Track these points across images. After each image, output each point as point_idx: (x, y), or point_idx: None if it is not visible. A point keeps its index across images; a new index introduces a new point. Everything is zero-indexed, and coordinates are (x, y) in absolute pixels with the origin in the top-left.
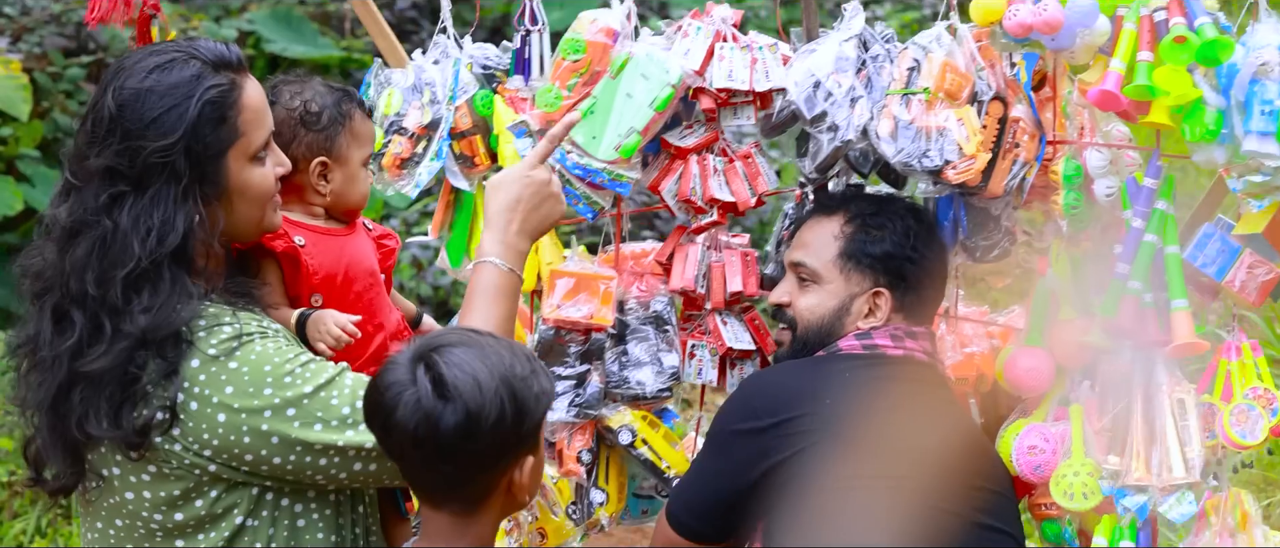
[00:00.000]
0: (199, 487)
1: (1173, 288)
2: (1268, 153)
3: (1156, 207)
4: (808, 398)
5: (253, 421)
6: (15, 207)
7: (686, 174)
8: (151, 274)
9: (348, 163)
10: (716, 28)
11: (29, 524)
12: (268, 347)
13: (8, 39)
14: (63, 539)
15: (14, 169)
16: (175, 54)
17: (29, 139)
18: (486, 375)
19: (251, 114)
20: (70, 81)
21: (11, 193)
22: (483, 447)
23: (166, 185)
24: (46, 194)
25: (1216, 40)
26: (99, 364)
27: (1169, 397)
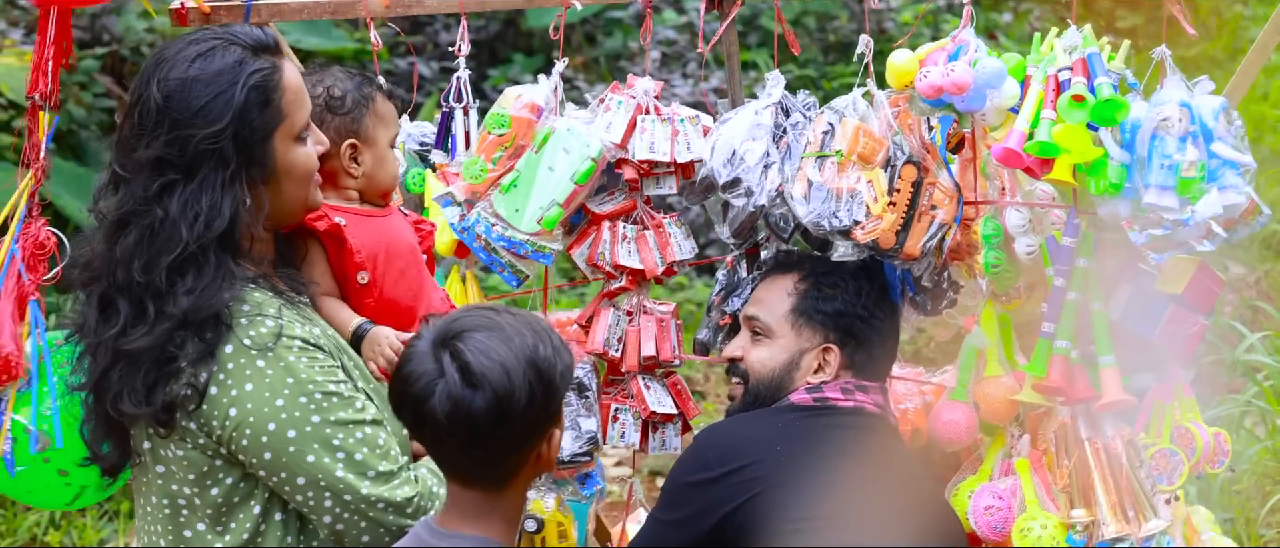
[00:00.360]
0: (214, 471)
1: (1099, 344)
2: (1166, 206)
3: (1077, 264)
4: (758, 446)
5: (258, 425)
6: None
7: (597, 240)
8: (197, 258)
9: (376, 143)
10: (638, 101)
11: (43, 517)
12: (301, 361)
13: (22, 30)
14: (77, 532)
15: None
16: (215, 42)
17: None
18: (513, 360)
19: (293, 95)
20: (85, 73)
21: None
22: (514, 429)
23: (215, 171)
24: (61, 186)
25: (1111, 100)
26: (139, 344)
27: (1123, 444)
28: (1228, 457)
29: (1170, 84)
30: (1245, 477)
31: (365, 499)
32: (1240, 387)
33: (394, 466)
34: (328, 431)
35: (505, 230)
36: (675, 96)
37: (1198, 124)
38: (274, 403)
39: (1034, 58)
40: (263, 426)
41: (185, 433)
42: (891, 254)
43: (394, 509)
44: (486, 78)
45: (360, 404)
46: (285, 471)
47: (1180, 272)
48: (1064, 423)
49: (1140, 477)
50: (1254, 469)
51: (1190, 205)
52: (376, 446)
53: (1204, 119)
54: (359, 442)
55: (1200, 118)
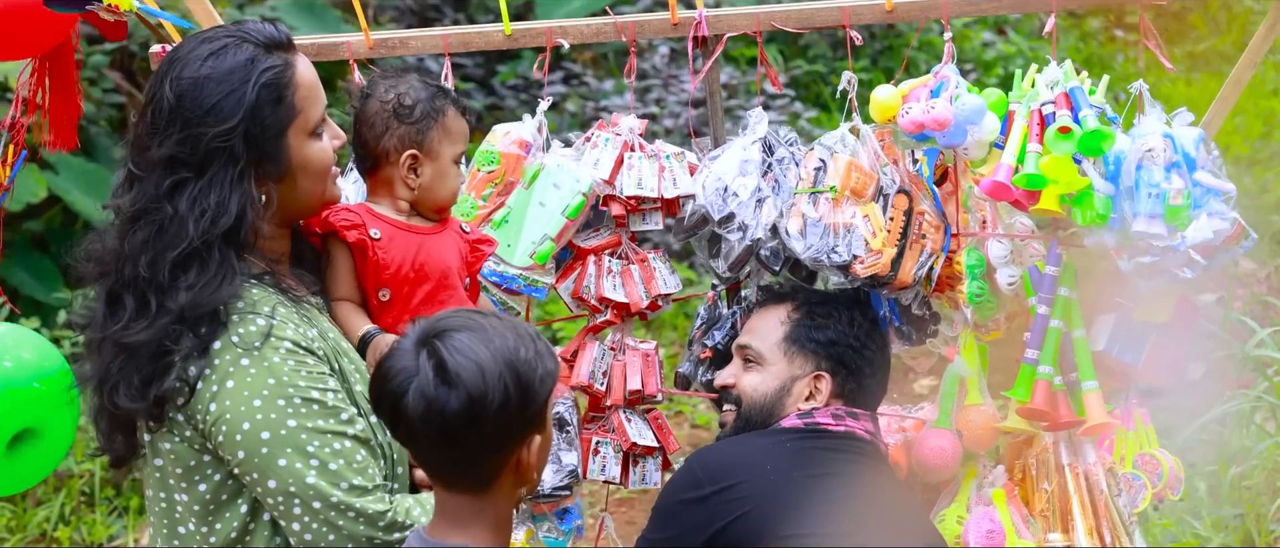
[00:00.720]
0: (201, 467)
1: (1083, 370)
2: (1155, 233)
3: (1059, 293)
4: (749, 465)
5: (234, 422)
6: (39, 194)
7: (582, 274)
8: (201, 254)
9: (439, 158)
10: (625, 138)
11: (52, 512)
12: (287, 364)
13: None
14: (86, 527)
15: (37, 156)
16: (227, 40)
17: None
18: (490, 360)
19: (306, 90)
20: (93, 69)
21: (36, 180)
22: (488, 431)
23: (224, 168)
24: (70, 182)
25: (1097, 131)
26: (139, 337)
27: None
28: (1182, 485)
29: (1150, 116)
30: (1255, 472)
31: (335, 506)
32: (1250, 382)
33: (369, 484)
34: (303, 436)
35: (497, 265)
36: (683, 91)
37: (1181, 154)
38: (252, 402)
39: (1017, 93)
40: (238, 424)
41: (174, 426)
42: (885, 283)
43: (366, 520)
44: (495, 73)
45: (345, 416)
46: (257, 472)
47: (1163, 302)
48: (1045, 448)
49: (1119, 504)
50: (1264, 465)
51: (1179, 232)
52: (354, 460)
53: (1186, 149)
54: (335, 452)
55: (1182, 148)
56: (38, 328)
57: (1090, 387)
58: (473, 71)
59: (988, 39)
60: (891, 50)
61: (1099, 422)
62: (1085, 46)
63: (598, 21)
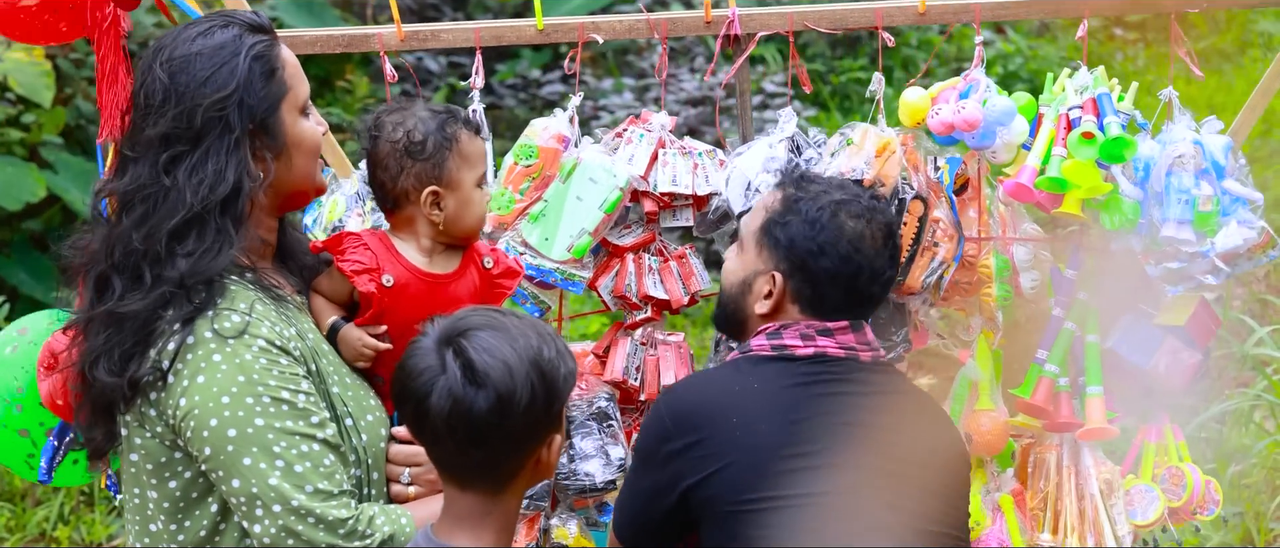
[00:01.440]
0: (172, 463)
1: (1090, 374)
2: (1184, 239)
3: (1078, 297)
4: (714, 418)
5: (201, 418)
6: (38, 193)
7: (623, 272)
8: (200, 220)
9: (460, 187)
10: (658, 136)
11: (52, 512)
12: (259, 362)
13: None
14: (86, 527)
15: (37, 156)
16: (212, 21)
17: (52, 126)
18: (516, 360)
19: (293, 69)
20: (93, 68)
21: (35, 179)
22: (515, 430)
23: (220, 137)
24: (69, 180)
25: (1120, 138)
26: (133, 307)
27: (1097, 480)
28: (1218, 506)
29: (1179, 124)
30: (1255, 471)
31: (295, 511)
32: (1249, 380)
33: (335, 488)
34: (270, 436)
35: (534, 259)
36: (683, 91)
37: (1210, 161)
38: (221, 399)
39: (1047, 97)
40: (206, 420)
41: (145, 420)
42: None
43: (326, 527)
44: (494, 72)
45: (316, 419)
46: (223, 469)
47: (1183, 305)
48: (1048, 448)
49: (1112, 512)
50: (1263, 463)
51: (1208, 238)
52: (321, 464)
53: (1215, 156)
54: (302, 455)
55: (1211, 155)
56: None
57: (1094, 391)
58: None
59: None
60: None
61: (1097, 426)
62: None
63: (630, 18)
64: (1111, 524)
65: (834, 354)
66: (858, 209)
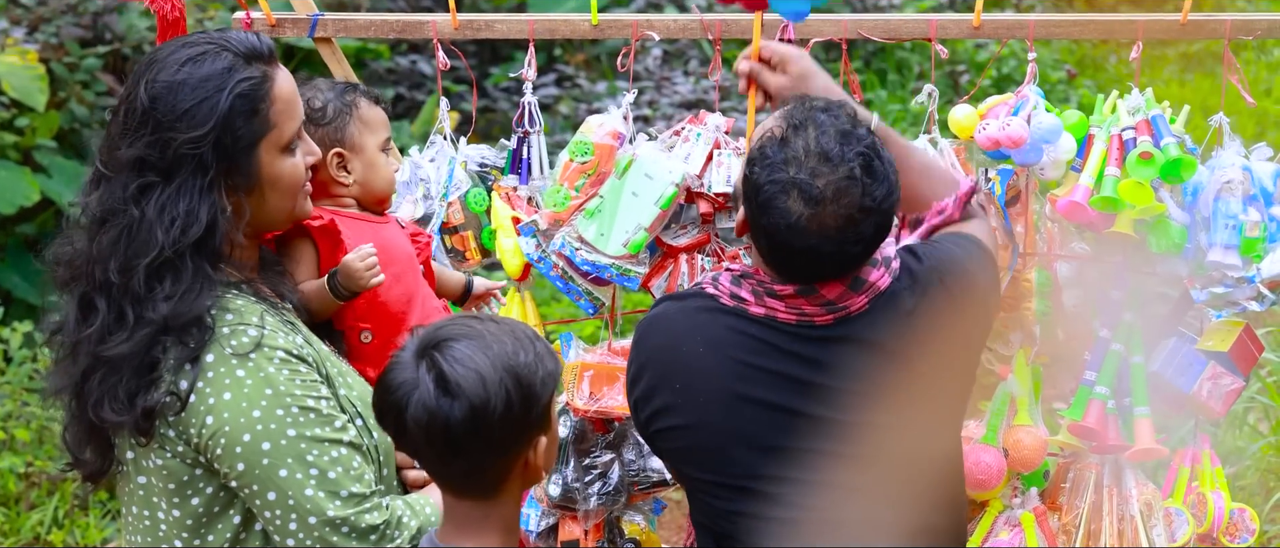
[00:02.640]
0: (194, 481)
1: (1136, 395)
2: (1231, 264)
3: (1124, 318)
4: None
5: (233, 434)
6: (32, 197)
7: (675, 272)
8: (174, 263)
9: (363, 149)
10: (713, 136)
11: (46, 516)
12: (282, 373)
13: (24, 29)
14: (80, 531)
15: (31, 159)
16: (207, 46)
17: (46, 129)
18: (489, 368)
19: (283, 105)
20: (87, 72)
21: (28, 183)
22: (493, 437)
23: (193, 177)
24: (63, 184)
25: (1180, 159)
26: (120, 350)
27: (1138, 502)
28: (1253, 535)
29: (1229, 149)
30: (1249, 472)
31: (330, 522)
32: None
33: (366, 490)
34: (303, 445)
35: (590, 254)
36: (676, 93)
37: (1258, 187)
38: (251, 413)
39: (1098, 117)
40: (238, 435)
41: (165, 441)
42: None
43: (358, 535)
44: (488, 75)
45: (340, 423)
46: (258, 483)
47: (1226, 332)
48: (1088, 467)
49: (1151, 534)
50: (1258, 465)
51: (1254, 264)
52: (351, 467)
53: (1264, 183)
54: (333, 461)
55: (1260, 181)
56: (30, 332)
57: (1142, 413)
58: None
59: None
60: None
61: (1146, 447)
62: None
63: (685, 18)
64: (1151, 543)
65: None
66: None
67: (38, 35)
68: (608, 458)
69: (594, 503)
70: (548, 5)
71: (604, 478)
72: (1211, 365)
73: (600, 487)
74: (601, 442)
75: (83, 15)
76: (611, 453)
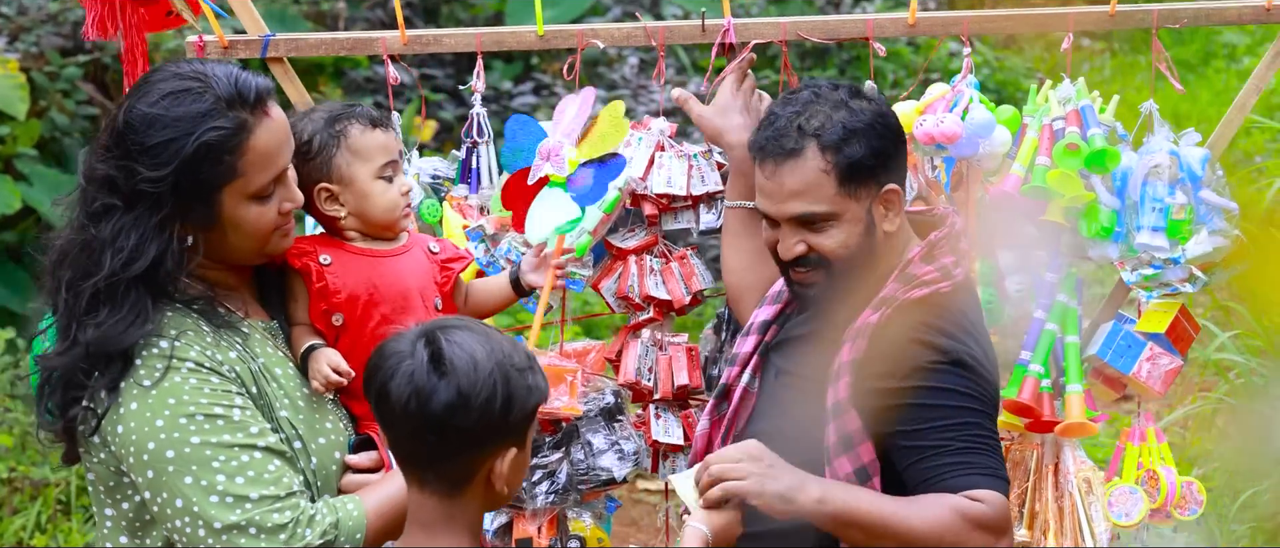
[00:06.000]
0: (121, 486)
1: (1069, 373)
2: (1158, 246)
3: (1058, 299)
4: None
5: (139, 443)
6: (13, 205)
7: (625, 273)
8: (113, 292)
9: (353, 180)
10: (656, 139)
11: (29, 520)
12: (188, 383)
13: (5, 38)
14: (62, 536)
15: (12, 168)
16: (194, 83)
17: (26, 138)
18: (484, 358)
19: (256, 156)
20: (67, 81)
21: (10, 191)
22: (469, 426)
23: (149, 212)
24: (44, 193)
25: (1104, 149)
26: (55, 363)
27: (1076, 478)
28: (1201, 506)
29: (1159, 135)
30: (1217, 474)
31: (235, 526)
32: (1212, 385)
33: (279, 491)
34: (207, 452)
35: None
36: (653, 101)
37: (1185, 172)
38: (154, 422)
39: (1030, 108)
40: (144, 444)
41: (91, 447)
42: None
43: (266, 534)
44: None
45: (255, 429)
46: (166, 491)
47: (1163, 314)
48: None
49: (1090, 511)
50: (1225, 467)
51: (1180, 246)
52: (265, 470)
53: (1192, 167)
54: (242, 465)
55: (1188, 166)
56: (12, 339)
57: (1074, 389)
58: (443, 82)
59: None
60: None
61: (1076, 421)
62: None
63: (628, 26)
64: (1089, 523)
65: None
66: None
67: (18, 44)
68: (556, 458)
69: (541, 502)
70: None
71: (552, 478)
72: (1149, 347)
73: (548, 486)
74: (549, 442)
75: (63, 25)
76: (559, 452)
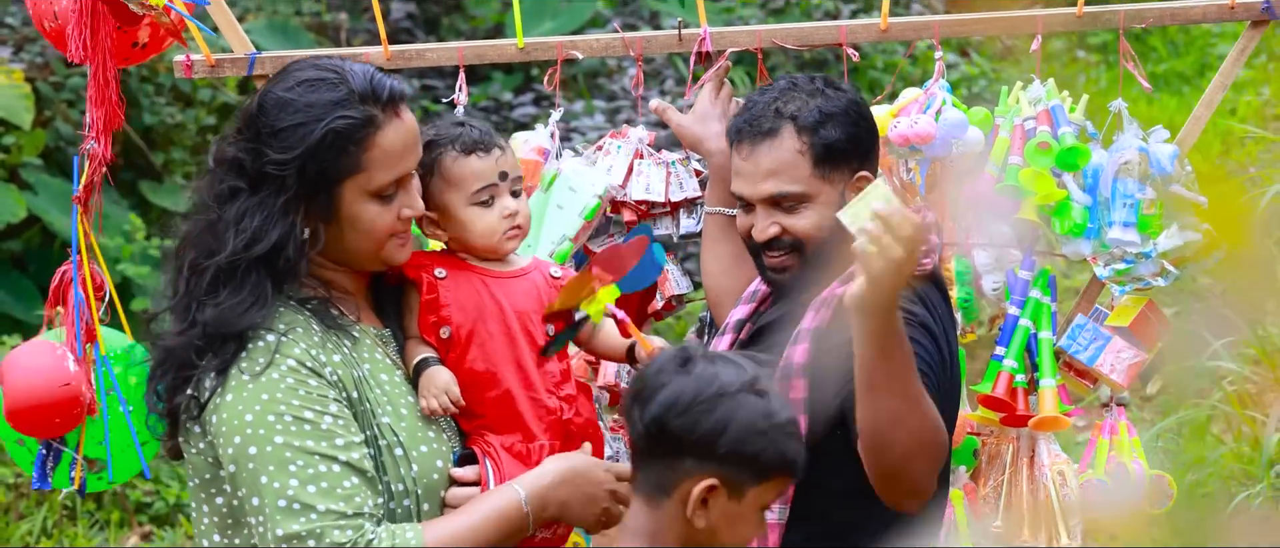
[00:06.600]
0: (217, 480)
1: (1044, 367)
2: (1129, 241)
3: (1031, 295)
4: None
5: (228, 434)
6: (19, 214)
7: None
8: (233, 272)
9: (448, 208)
10: (635, 147)
11: (35, 526)
12: (285, 381)
13: (10, 49)
14: (68, 541)
15: (17, 177)
16: (330, 74)
17: (32, 147)
18: (728, 380)
19: (381, 153)
20: (72, 90)
21: (15, 200)
22: (672, 431)
23: (273, 195)
24: (49, 201)
25: (1074, 148)
26: (171, 343)
27: (1050, 471)
28: (1170, 500)
29: (1128, 132)
30: (1211, 480)
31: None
32: (1207, 392)
33: (347, 509)
34: (287, 454)
35: None
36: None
37: (1156, 168)
38: (245, 416)
39: (1001, 108)
40: (231, 437)
41: (190, 437)
42: None
43: None
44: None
45: (341, 441)
46: (245, 487)
47: (1129, 308)
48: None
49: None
50: (1218, 473)
51: (1151, 240)
52: (339, 486)
53: (1161, 163)
54: (317, 475)
55: (1158, 162)
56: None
57: (1047, 384)
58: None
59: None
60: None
61: (1049, 415)
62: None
63: (607, 37)
64: (1064, 515)
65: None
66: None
67: (23, 55)
68: None
69: None
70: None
71: None
72: (1114, 340)
73: None
74: None
75: None
76: None
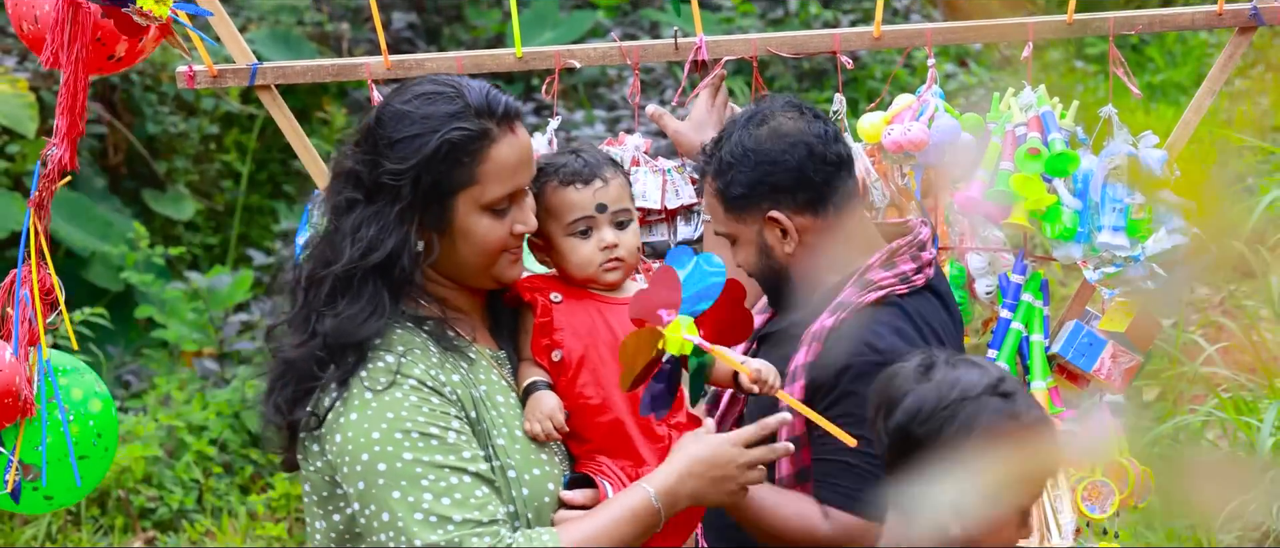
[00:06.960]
0: (335, 497)
1: (1034, 370)
2: (1119, 245)
3: (1023, 299)
4: None
5: (354, 453)
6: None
7: None
8: (352, 282)
9: (551, 237)
10: (632, 155)
11: (39, 531)
12: (409, 399)
13: (14, 58)
14: (72, 546)
15: (21, 185)
16: (446, 88)
17: (35, 156)
18: (971, 383)
19: (494, 166)
20: None
21: (19, 209)
22: (913, 437)
23: (389, 205)
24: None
25: (1064, 154)
26: (290, 355)
27: None
28: (1151, 493)
29: (1119, 138)
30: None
31: (432, 547)
32: (1202, 399)
33: (482, 517)
34: (418, 469)
35: None
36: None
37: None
38: (371, 434)
39: (992, 114)
40: (358, 454)
41: (309, 454)
42: None
43: None
44: None
45: (468, 454)
46: (374, 503)
47: (1123, 313)
48: None
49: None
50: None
51: (1140, 244)
52: (472, 495)
53: (1152, 168)
54: (449, 487)
55: (1147, 167)
56: None
57: (1038, 386)
58: None
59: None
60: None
61: None
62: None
63: (604, 46)
64: (1055, 515)
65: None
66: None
67: (27, 64)
68: None
69: None
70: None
71: None
72: (1110, 345)
73: None
74: None
75: None
76: None
